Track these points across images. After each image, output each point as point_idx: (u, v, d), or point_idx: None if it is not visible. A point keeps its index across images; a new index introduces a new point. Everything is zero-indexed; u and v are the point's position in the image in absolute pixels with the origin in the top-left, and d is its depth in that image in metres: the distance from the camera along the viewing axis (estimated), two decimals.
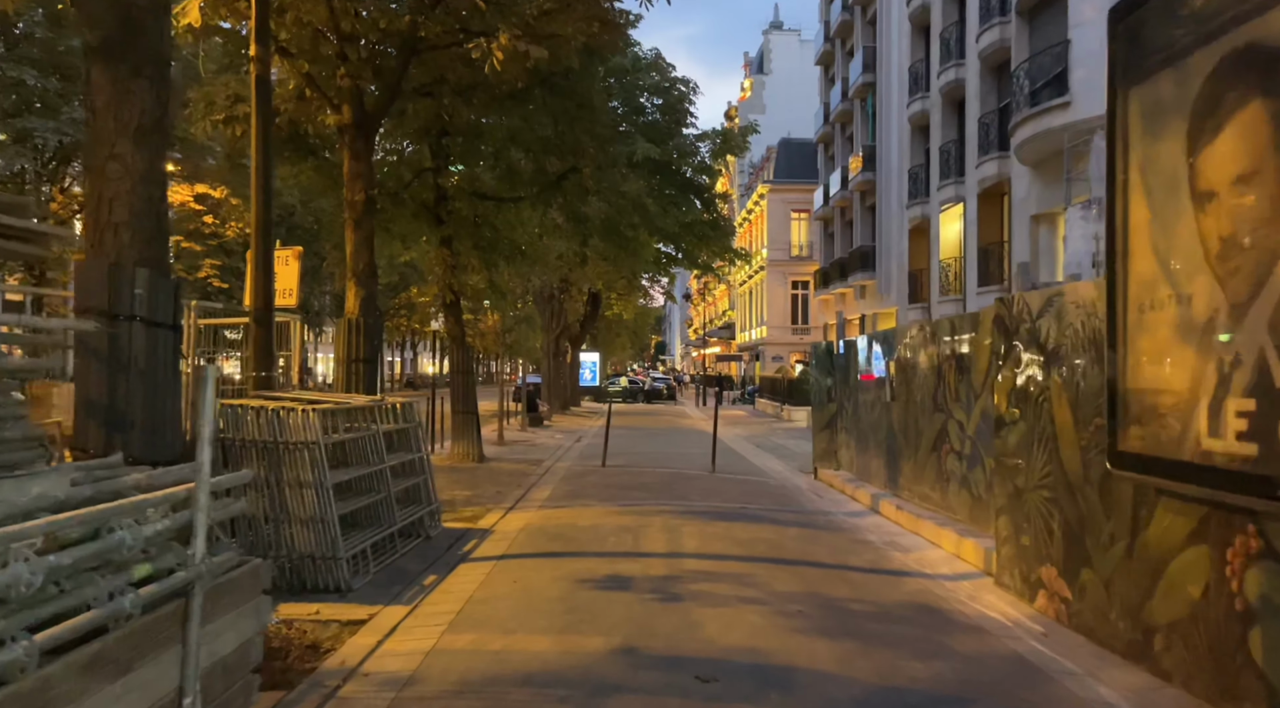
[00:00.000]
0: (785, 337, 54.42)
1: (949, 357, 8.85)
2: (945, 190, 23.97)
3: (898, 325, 14.28)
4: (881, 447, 11.22)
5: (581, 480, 12.82)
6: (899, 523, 9.63)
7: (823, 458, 14.14)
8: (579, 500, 10.74)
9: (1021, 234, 19.57)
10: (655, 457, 16.84)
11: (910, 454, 10.04)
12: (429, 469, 8.47)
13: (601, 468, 14.37)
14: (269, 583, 3.61)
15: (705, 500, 11.06)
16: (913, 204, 26.96)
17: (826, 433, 14.08)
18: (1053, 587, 5.95)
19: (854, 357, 12.81)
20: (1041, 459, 6.18)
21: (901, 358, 10.38)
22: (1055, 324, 6.01)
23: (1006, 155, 20.19)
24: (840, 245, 36.54)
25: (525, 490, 11.74)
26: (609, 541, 8.05)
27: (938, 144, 24.85)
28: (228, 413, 5.97)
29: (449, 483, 12.16)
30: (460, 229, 15.02)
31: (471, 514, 9.79)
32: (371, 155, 9.80)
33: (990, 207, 21.80)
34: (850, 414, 12.94)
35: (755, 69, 78.09)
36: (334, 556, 5.91)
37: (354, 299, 9.48)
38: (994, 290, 20.94)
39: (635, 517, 9.40)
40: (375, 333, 9.62)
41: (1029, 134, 17.19)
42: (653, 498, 11.02)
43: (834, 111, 36.42)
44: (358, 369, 9.37)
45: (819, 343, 14.52)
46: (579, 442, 20.60)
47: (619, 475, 13.43)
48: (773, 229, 54.58)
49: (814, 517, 10.22)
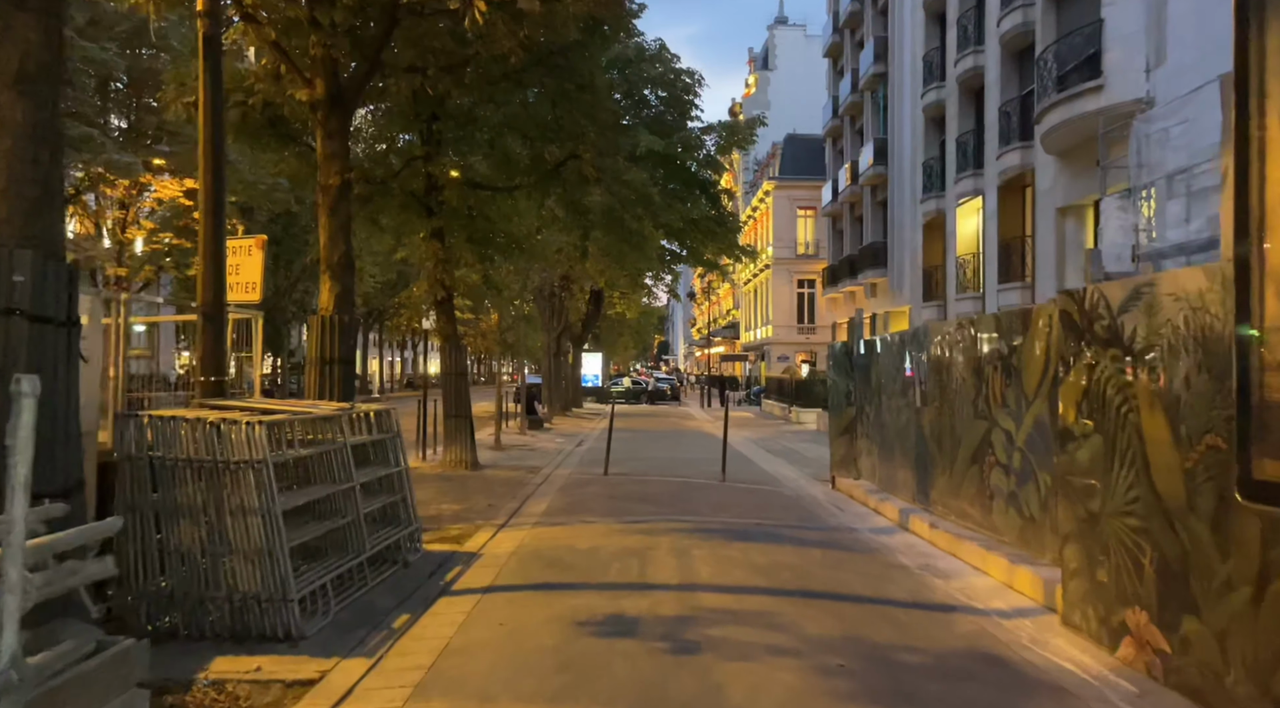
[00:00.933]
0: (791, 336, 53.46)
1: (994, 357, 7.88)
2: (962, 183, 22.97)
3: (930, 323, 13.29)
4: (909, 456, 10.24)
5: (582, 491, 11.86)
6: (934, 543, 8.66)
7: (841, 466, 13.17)
8: (579, 515, 9.77)
9: (1046, 228, 18.56)
10: (661, 463, 15.88)
11: (945, 466, 9.07)
12: (408, 485, 7.51)
13: (604, 476, 13.42)
14: (144, 672, 2.63)
15: (717, 515, 10.10)
16: (927, 198, 25.96)
17: (845, 439, 13.11)
18: (1143, 635, 4.98)
19: (876, 357, 11.83)
20: (1125, 480, 5.21)
21: (934, 359, 9.41)
22: (1145, 320, 5.03)
23: (1030, 145, 19.18)
24: (850, 242, 35.54)
25: (520, 503, 10.77)
26: (611, 568, 7.08)
27: (954, 135, 23.84)
28: (157, 427, 5.01)
29: (437, 495, 11.21)
30: (452, 221, 14.07)
31: (458, 533, 8.83)
32: (348, 135, 8.85)
33: (1011, 199, 20.80)
34: (872, 419, 11.96)
35: (760, 65, 77.08)
36: (283, 597, 4.95)
37: (328, 293, 8.52)
38: (1016, 287, 19.95)
39: (641, 536, 8.43)
40: (351, 332, 8.66)
41: (1057, 121, 16.19)
42: (659, 512, 10.06)
43: (843, 104, 35.42)
44: (332, 372, 8.41)
45: (837, 343, 13.55)
46: (580, 446, 19.65)
47: (622, 485, 12.47)
48: (778, 227, 53.59)
49: (838, 535, 9.25)
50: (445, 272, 13.75)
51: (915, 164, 27.21)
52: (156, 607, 4.99)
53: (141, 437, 5.00)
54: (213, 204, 5.99)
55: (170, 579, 4.99)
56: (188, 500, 4.98)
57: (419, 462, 14.95)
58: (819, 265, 52.33)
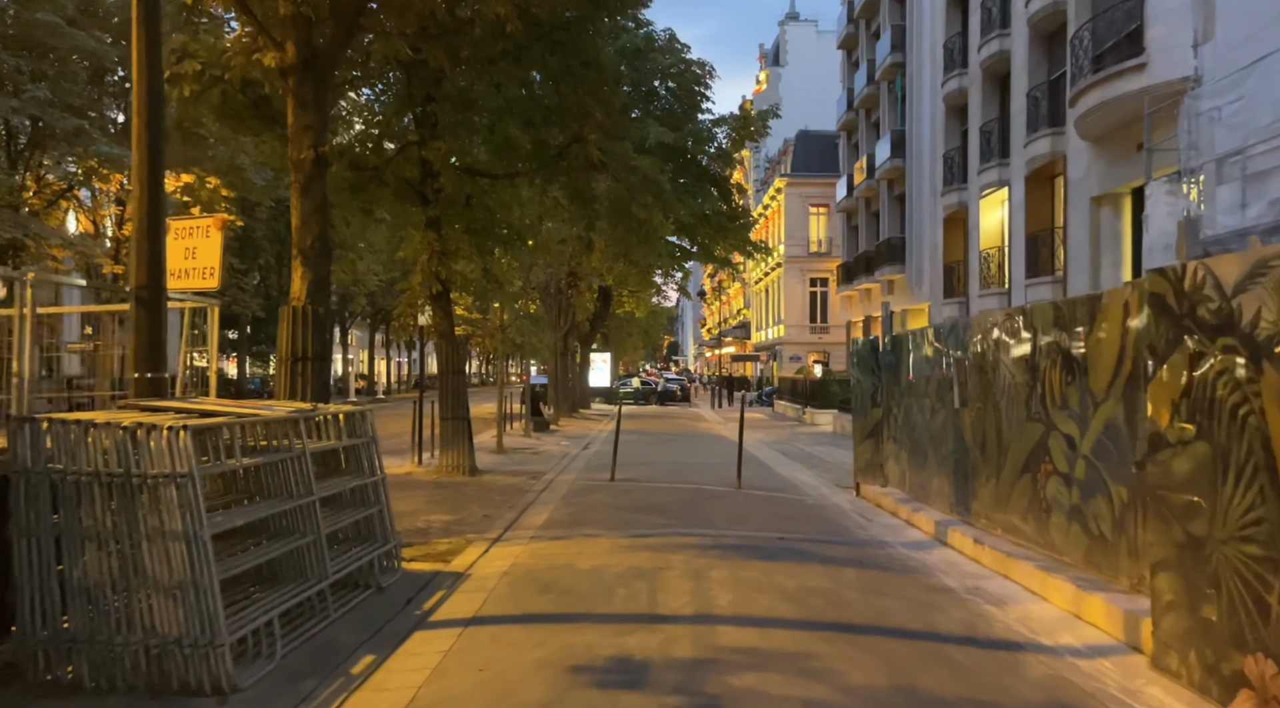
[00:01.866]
0: (803, 336, 52.48)
1: (1052, 352, 6.91)
2: (987, 174, 21.93)
3: (977, 314, 12.26)
4: (947, 462, 9.28)
5: (586, 499, 10.94)
6: (979, 561, 7.70)
7: (866, 472, 12.21)
8: (581, 528, 8.85)
9: (1080, 218, 17.53)
10: (671, 468, 14.94)
11: (990, 473, 8.10)
12: (385, 496, 6.60)
13: (610, 483, 12.49)
14: None
15: (734, 527, 9.16)
16: (948, 191, 24.93)
17: (870, 443, 12.14)
18: (1269, 689, 4.02)
19: (907, 354, 10.87)
20: (1243, 499, 4.25)
21: (976, 355, 8.45)
22: (1274, 301, 4.07)
23: (1061, 131, 18.16)
24: (865, 238, 34.51)
25: (519, 513, 9.86)
26: (616, 594, 6.15)
27: (977, 124, 22.82)
28: (59, 433, 4.11)
29: (428, 504, 10.31)
30: (449, 210, 13.18)
31: (447, 548, 7.92)
32: (326, 107, 7.95)
33: (1040, 190, 19.77)
34: (901, 422, 11.01)
35: (771, 61, 76.04)
36: (211, 640, 4.03)
37: (300, 281, 7.63)
38: (1045, 282, 18.93)
39: (650, 553, 7.50)
40: (326, 325, 7.76)
41: (1094, 103, 15.17)
42: (671, 524, 9.12)
43: (858, 96, 34.39)
44: (304, 369, 7.51)
45: (861, 339, 12.59)
46: (586, 449, 18.74)
47: (630, 493, 11.55)
48: (790, 225, 52.61)
49: (870, 550, 8.30)
50: (441, 264, 12.85)
51: (935, 156, 26.19)
52: (57, 654, 4.09)
53: (39, 446, 4.10)
54: (148, 167, 5.09)
55: (74, 620, 4.09)
56: (95, 524, 4.08)
57: (414, 467, 14.07)
58: (832, 264, 51.28)
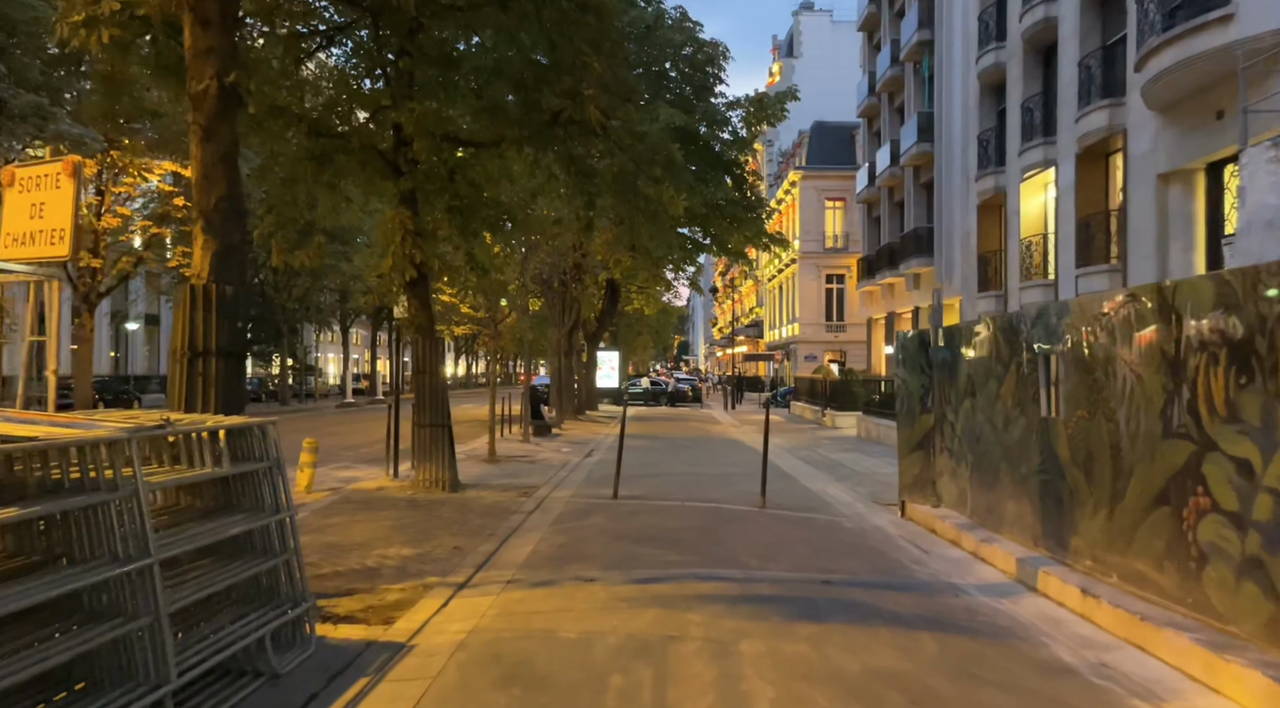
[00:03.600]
0: (819, 334, 50.63)
1: (1212, 343, 5.04)
2: (1030, 154, 19.97)
3: (1085, 297, 10.33)
4: (1029, 484, 7.42)
5: (582, 524, 9.11)
6: (1092, 619, 5.84)
7: (913, 489, 10.36)
8: (572, 567, 7.03)
9: (1143, 199, 15.59)
10: (683, 481, 13.10)
11: (1099, 502, 6.24)
12: (293, 539, 4.80)
13: (613, 501, 10.67)
14: None
15: (765, 565, 7.32)
16: (983, 175, 22.98)
17: (919, 456, 10.28)
18: None
19: (967, 349, 9.02)
20: None
21: (1077, 348, 6.59)
22: None
23: (1120, 102, 16.24)
24: (888, 230, 32.55)
25: (498, 545, 8.04)
26: (609, 686, 4.32)
27: (1017, 101, 20.86)
28: None
29: (390, 531, 8.50)
30: (426, 185, 11.40)
31: (396, 599, 6.11)
32: (233, 26, 6.16)
33: (1093, 169, 17.83)
34: (961, 431, 9.15)
35: (784, 53, 74.12)
36: None
37: (202, 253, 5.82)
38: (1101, 271, 16.99)
39: (658, 611, 5.67)
40: (237, 309, 5.94)
41: (1166, 64, 13.25)
42: (685, 561, 7.29)
43: (880, 80, 32.44)
44: (208, 369, 5.70)
45: (908, 332, 10.75)
46: (589, 457, 16.92)
47: (635, 515, 9.72)
48: (805, 219, 50.72)
49: (942, 600, 6.44)
50: (416, 246, 11.06)
51: (968, 138, 24.26)
52: None
53: None
54: None
55: None
56: None
57: (388, 480, 12.28)
58: (848, 259, 49.36)
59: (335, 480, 13.02)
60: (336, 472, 14.14)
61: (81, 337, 27.86)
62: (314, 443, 11.59)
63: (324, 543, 7.90)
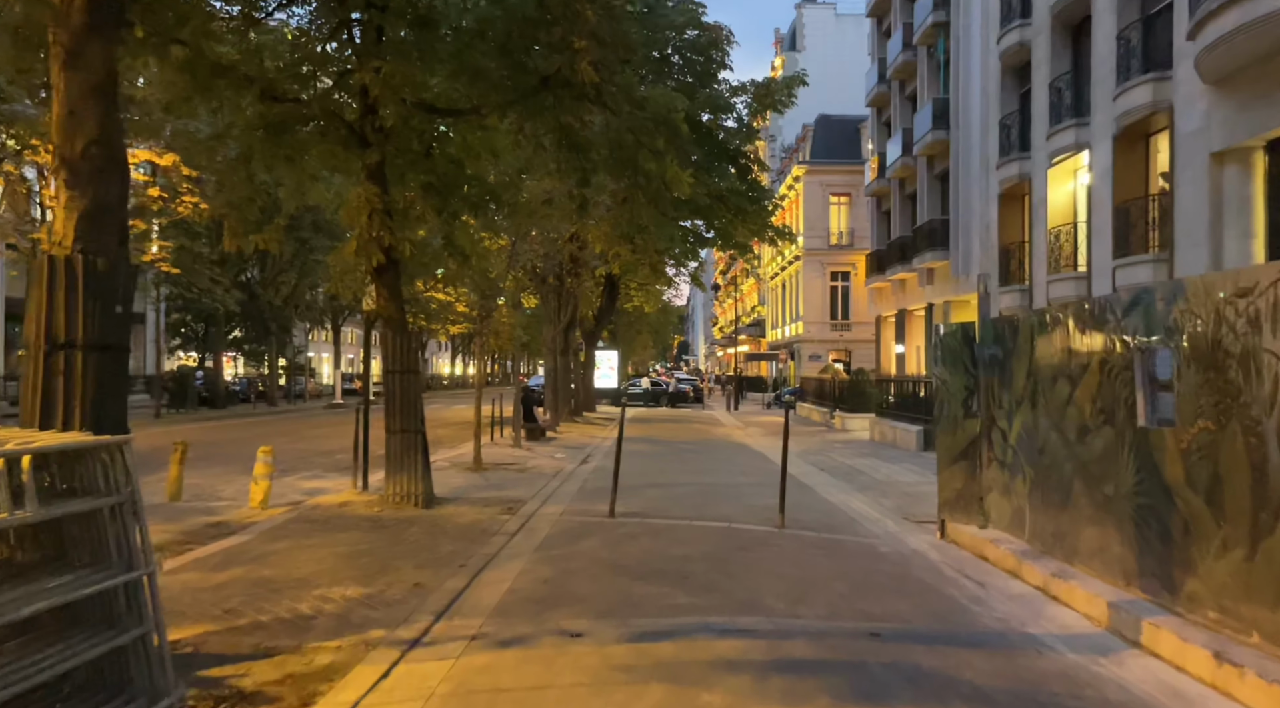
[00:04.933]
0: (824, 333, 49.26)
1: None
2: (1060, 137, 18.55)
3: (1170, 281, 8.89)
4: (1118, 507, 6.04)
5: (571, 552, 7.71)
6: (1235, 697, 4.44)
7: (956, 506, 8.97)
8: (555, 617, 5.63)
9: (1193, 181, 14.18)
10: (690, 494, 11.71)
11: (1236, 539, 4.85)
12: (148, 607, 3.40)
13: (609, 520, 9.28)
14: None
15: (795, 608, 5.93)
16: (1004, 162, 21.57)
17: (962, 468, 8.90)
18: None
19: (1027, 343, 7.64)
20: None
21: (1198, 341, 5.19)
22: None
23: (1166, 75, 14.84)
24: (900, 224, 31.12)
25: (467, 581, 6.64)
26: None
27: (1044, 81, 19.46)
28: None
29: (341, 562, 7.10)
30: (398, 159, 10.03)
31: (324, 665, 4.72)
32: None
33: (1131, 151, 16.43)
34: (1018, 440, 7.78)
35: (787, 46, 72.68)
36: None
37: (65, 214, 4.42)
38: (1144, 261, 15.59)
39: (666, 692, 4.27)
40: (115, 288, 4.55)
41: (1228, 28, 11.86)
42: (696, 606, 5.90)
43: (891, 67, 31.03)
44: (71, 366, 4.33)
45: (949, 325, 9.35)
46: (585, 463, 15.52)
47: (635, 538, 8.31)
48: (809, 215, 49.32)
49: (1026, 662, 5.04)
50: (385, 227, 9.67)
51: (988, 124, 22.87)
52: None
53: None
54: None
55: None
56: None
57: (354, 493, 10.89)
58: (854, 256, 47.97)
59: (299, 492, 11.64)
60: (303, 482, 12.76)
61: None
62: (270, 451, 10.19)
63: (257, 579, 6.51)
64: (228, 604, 5.77)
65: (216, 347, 37.93)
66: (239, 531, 8.61)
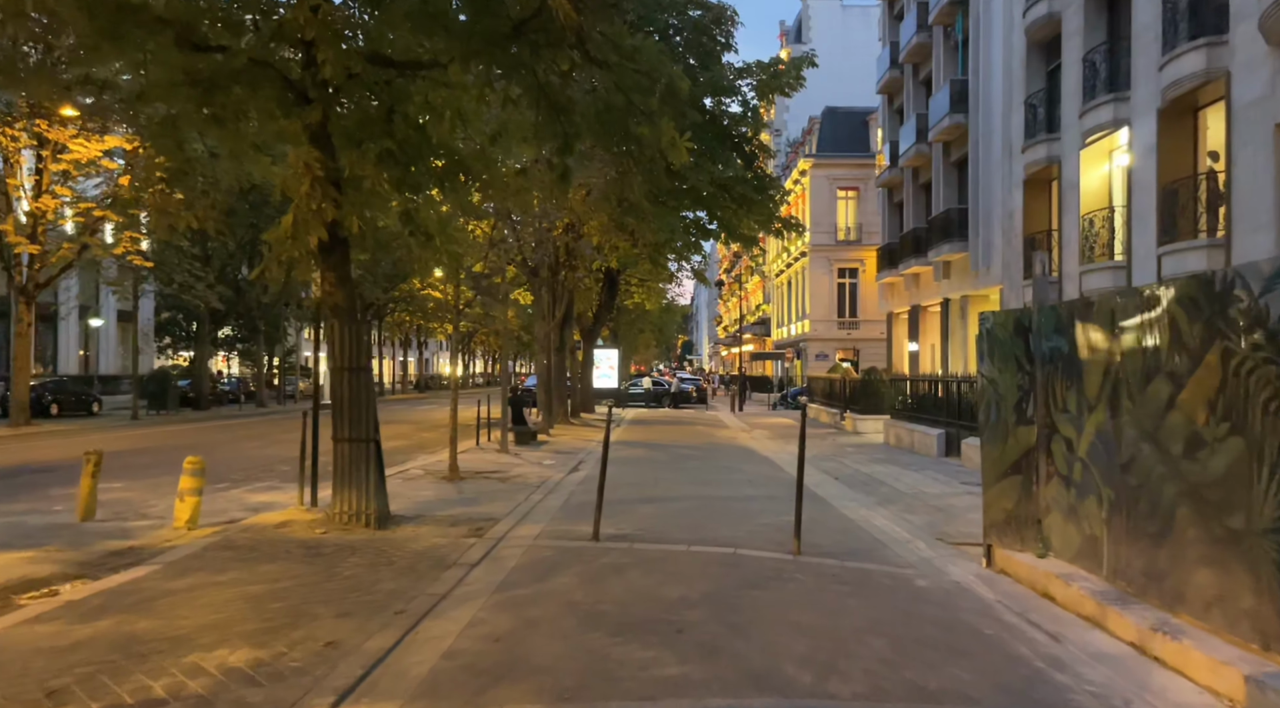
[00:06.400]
0: (831, 331, 47.75)
1: None
2: (1095, 114, 17.00)
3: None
4: (1252, 546, 4.57)
5: (539, 593, 6.22)
6: None
7: (1005, 529, 7.50)
8: (499, 695, 4.14)
9: (1256, 155, 12.66)
10: (690, 510, 10.22)
11: None
12: None
13: (592, 545, 7.79)
14: None
15: (822, 681, 4.45)
16: (1031, 144, 20.03)
17: (1014, 484, 7.42)
18: None
19: (1101, 334, 6.15)
20: None
21: None
22: None
23: (1222, 39, 13.32)
24: (913, 215, 29.57)
25: (398, 637, 5.15)
26: None
27: (1077, 55, 17.91)
28: None
29: (246, 606, 5.60)
30: (347, 120, 8.55)
31: None
32: None
33: (1179, 126, 14.90)
34: (1084, 452, 6.31)
35: (792, 39, 70.97)
36: None
37: None
38: (1196, 247, 14.04)
39: None
40: None
41: None
42: (692, 683, 4.40)
43: (905, 49, 29.47)
44: None
45: (995, 314, 7.87)
46: (575, 472, 14.04)
47: (621, 573, 6.82)
48: (816, 210, 47.79)
49: None
50: (329, 199, 8.20)
51: (1011, 105, 21.33)
52: None
53: None
54: None
55: None
56: None
57: (300, 510, 9.43)
58: (861, 252, 46.40)
59: (244, 507, 10.19)
60: (255, 495, 11.31)
61: (18, 332, 25.07)
62: (199, 463, 8.72)
63: (125, 636, 5.03)
64: (59, 679, 4.30)
65: (201, 345, 36.48)
66: (146, 560, 7.15)
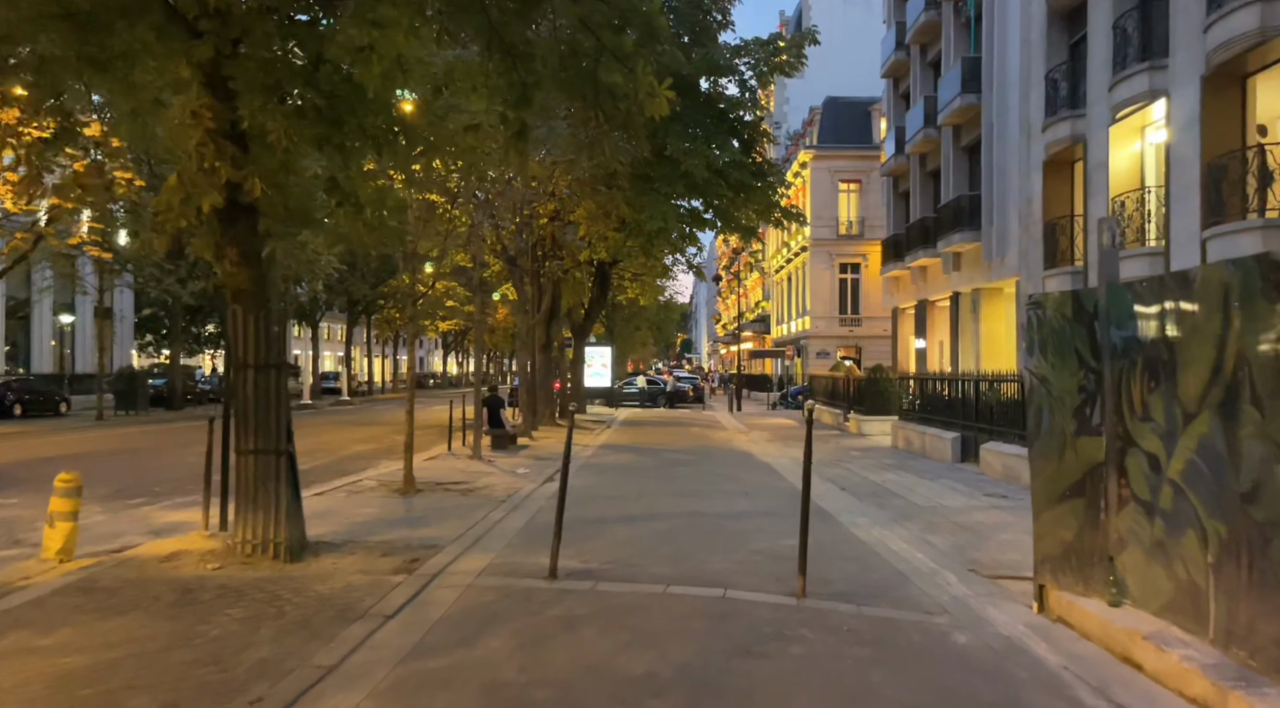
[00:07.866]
0: (832, 328, 46.21)
1: None
2: (1127, 85, 15.39)
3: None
4: None
5: (457, 665, 4.65)
6: None
7: (1063, 565, 5.97)
8: None
9: None
10: (674, 532, 8.66)
11: None
12: None
13: (544, 584, 6.24)
14: None
15: None
16: (1052, 122, 18.44)
17: (1074, 509, 5.89)
18: None
19: (1216, 314, 4.61)
20: None
21: None
22: None
23: None
24: (920, 205, 27.97)
25: None
26: None
27: (1105, 23, 16.33)
28: None
29: (45, 692, 4.02)
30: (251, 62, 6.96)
31: None
32: None
33: (1225, 95, 13.32)
34: (1175, 472, 4.81)
35: (793, 28, 69.57)
36: None
37: None
38: (1248, 229, 12.46)
39: None
40: None
41: None
42: None
43: (912, 29, 27.88)
44: None
45: (1049, 295, 6.29)
46: (550, 482, 12.46)
47: (573, 629, 5.25)
48: (817, 203, 46.23)
49: None
50: (225, 156, 6.63)
51: (1030, 81, 19.75)
52: None
53: None
54: None
55: None
56: None
57: (202, 536, 7.86)
58: (864, 247, 44.84)
59: (144, 530, 8.65)
60: (165, 513, 9.75)
61: None
62: (72, 481, 7.15)
63: None
64: None
65: (175, 342, 34.93)
66: None
